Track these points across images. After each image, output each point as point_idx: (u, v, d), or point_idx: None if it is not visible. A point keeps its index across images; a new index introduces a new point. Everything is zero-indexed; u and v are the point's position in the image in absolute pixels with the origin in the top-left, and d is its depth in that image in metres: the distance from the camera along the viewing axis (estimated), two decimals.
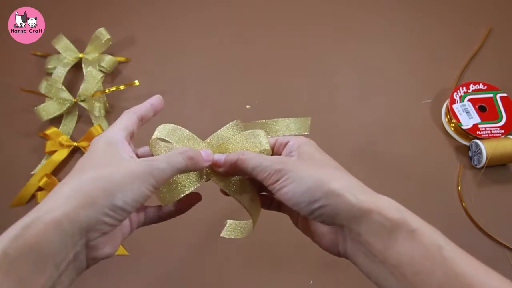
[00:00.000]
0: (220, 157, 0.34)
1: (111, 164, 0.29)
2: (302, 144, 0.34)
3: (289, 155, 0.34)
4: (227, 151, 0.35)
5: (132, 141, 0.35)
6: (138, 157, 0.34)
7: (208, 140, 0.36)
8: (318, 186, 0.29)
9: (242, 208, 0.36)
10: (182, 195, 0.34)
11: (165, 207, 0.35)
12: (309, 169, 0.31)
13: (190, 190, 0.34)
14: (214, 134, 0.36)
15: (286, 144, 0.35)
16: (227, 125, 0.37)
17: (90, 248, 0.28)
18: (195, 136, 0.36)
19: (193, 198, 0.36)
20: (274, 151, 0.36)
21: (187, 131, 0.36)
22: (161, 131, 0.35)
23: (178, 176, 0.34)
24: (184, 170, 0.32)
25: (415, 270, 0.27)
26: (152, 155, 0.34)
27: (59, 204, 0.26)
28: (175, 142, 0.35)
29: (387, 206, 0.29)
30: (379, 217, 0.28)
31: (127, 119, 0.34)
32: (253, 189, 0.36)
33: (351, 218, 0.29)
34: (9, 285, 0.23)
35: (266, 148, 0.35)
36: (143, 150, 0.35)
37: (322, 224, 0.32)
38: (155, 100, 0.36)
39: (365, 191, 0.30)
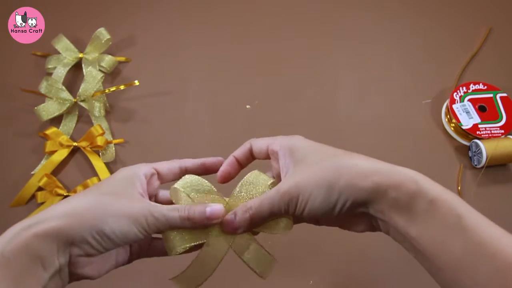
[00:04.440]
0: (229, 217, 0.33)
1: (117, 195, 0.31)
2: (291, 147, 0.33)
3: (285, 166, 0.33)
4: (237, 202, 0.34)
5: (157, 181, 0.36)
6: (157, 198, 0.37)
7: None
8: (330, 190, 0.29)
9: None
10: (187, 247, 0.33)
11: None
12: (311, 176, 0.30)
13: (194, 243, 0.33)
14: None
15: (276, 153, 0.34)
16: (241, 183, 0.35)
17: (72, 263, 0.29)
18: (214, 189, 0.34)
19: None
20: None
21: (208, 183, 0.35)
22: (183, 180, 0.35)
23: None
24: (180, 227, 0.32)
25: (435, 243, 0.27)
26: (172, 202, 0.35)
27: (55, 216, 0.29)
28: (194, 193, 0.34)
29: (402, 179, 0.29)
30: (395, 193, 0.28)
31: (166, 163, 0.36)
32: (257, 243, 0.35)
33: (371, 201, 0.29)
34: (7, 283, 0.26)
35: (272, 180, 0.35)
36: (163, 193, 0.37)
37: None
38: (211, 160, 0.37)
39: (376, 169, 0.30)
